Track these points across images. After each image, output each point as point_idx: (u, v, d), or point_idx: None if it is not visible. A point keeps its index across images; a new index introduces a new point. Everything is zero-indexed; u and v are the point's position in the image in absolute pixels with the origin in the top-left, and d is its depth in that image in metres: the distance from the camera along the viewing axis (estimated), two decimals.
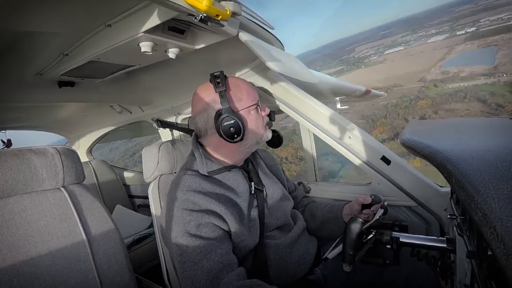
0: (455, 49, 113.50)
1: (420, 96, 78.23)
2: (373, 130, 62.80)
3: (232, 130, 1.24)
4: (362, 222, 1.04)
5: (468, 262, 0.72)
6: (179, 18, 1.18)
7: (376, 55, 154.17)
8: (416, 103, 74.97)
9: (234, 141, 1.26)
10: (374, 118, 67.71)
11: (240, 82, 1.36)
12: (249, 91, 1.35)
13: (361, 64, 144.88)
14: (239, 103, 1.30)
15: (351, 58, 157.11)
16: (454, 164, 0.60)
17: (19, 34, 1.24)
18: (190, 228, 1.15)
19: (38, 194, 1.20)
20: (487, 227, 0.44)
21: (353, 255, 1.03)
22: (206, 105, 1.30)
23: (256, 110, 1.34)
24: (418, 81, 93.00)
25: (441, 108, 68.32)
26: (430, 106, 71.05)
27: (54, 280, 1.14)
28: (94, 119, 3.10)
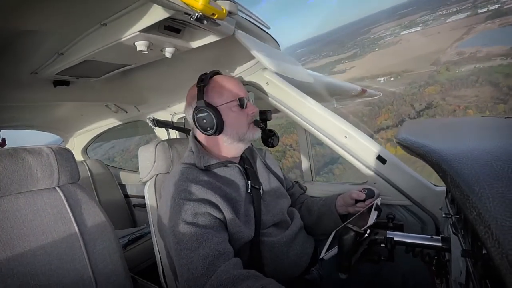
0: (474, 29, 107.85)
1: (430, 82, 75.99)
2: (378, 117, 62.20)
3: (204, 122, 1.30)
4: (355, 233, 1.03)
5: (463, 261, 0.73)
6: (175, 17, 1.17)
7: (391, 36, 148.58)
8: (424, 89, 73.02)
9: (207, 133, 1.32)
10: (380, 105, 66.90)
11: (224, 78, 1.41)
12: (232, 88, 1.39)
13: (374, 47, 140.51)
14: (219, 98, 1.35)
15: (365, 40, 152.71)
16: (449, 163, 0.61)
17: (14, 32, 1.23)
18: (186, 217, 1.17)
19: (33, 194, 1.20)
20: (481, 226, 0.44)
21: (348, 265, 1.03)
22: (190, 100, 1.39)
23: (238, 107, 1.37)
24: (431, 64, 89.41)
25: (449, 94, 66.63)
26: (439, 93, 69.38)
27: (49, 279, 1.14)
28: (90, 118, 3.09)
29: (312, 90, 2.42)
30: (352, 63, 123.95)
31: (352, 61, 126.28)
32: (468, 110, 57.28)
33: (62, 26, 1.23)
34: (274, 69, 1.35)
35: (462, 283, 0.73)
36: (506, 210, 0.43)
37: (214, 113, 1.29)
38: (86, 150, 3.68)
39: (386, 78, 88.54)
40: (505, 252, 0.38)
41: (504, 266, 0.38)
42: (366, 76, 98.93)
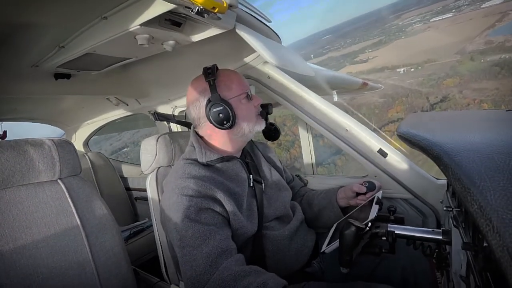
0: (509, 15, 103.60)
1: (450, 73, 73.18)
2: (389, 109, 61.46)
3: (221, 116, 1.29)
4: (357, 228, 1.04)
5: (464, 254, 0.73)
6: (176, 11, 1.17)
7: (421, 23, 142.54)
8: (442, 82, 70.80)
9: (223, 127, 1.31)
10: (395, 96, 65.87)
11: (230, 72, 1.41)
12: (239, 81, 1.38)
13: (401, 34, 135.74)
14: (229, 91, 1.34)
15: (393, 27, 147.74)
16: (451, 156, 0.61)
17: (15, 25, 1.23)
18: (189, 214, 1.17)
19: (35, 186, 1.20)
20: (482, 218, 0.44)
21: (349, 259, 1.04)
22: (197, 95, 1.35)
23: (246, 99, 1.38)
24: (455, 54, 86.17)
25: (468, 87, 64.23)
26: (457, 85, 66.98)
27: (51, 272, 1.14)
28: (91, 111, 3.09)
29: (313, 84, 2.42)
30: (375, 52, 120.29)
31: (376, 50, 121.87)
32: (483, 104, 56.02)
33: (63, 19, 1.23)
34: (275, 62, 1.35)
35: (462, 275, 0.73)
36: (507, 203, 0.43)
37: (229, 106, 1.29)
38: (87, 143, 3.68)
39: (406, 69, 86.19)
40: (506, 245, 0.39)
41: (505, 258, 0.38)
42: (387, 66, 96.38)
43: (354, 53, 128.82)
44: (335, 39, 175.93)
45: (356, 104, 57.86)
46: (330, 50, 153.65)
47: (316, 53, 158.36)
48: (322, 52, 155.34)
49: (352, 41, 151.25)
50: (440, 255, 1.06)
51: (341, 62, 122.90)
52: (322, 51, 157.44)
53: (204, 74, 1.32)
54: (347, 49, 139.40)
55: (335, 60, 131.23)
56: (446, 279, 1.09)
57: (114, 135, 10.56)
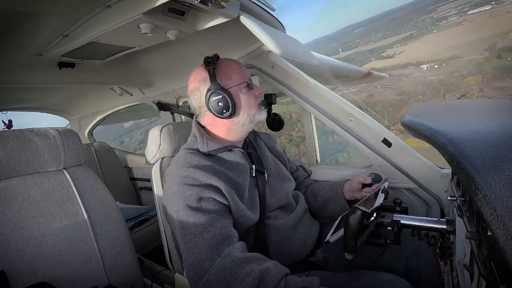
0: None
1: (473, 71, 70.08)
2: (403, 107, 60.77)
3: (220, 105, 1.29)
4: (362, 213, 1.04)
5: (468, 243, 0.73)
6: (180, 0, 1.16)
7: (456, 16, 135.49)
8: (462, 80, 69.36)
9: (223, 116, 1.31)
10: (411, 94, 65.01)
11: (230, 61, 1.40)
12: (239, 70, 1.38)
13: (433, 28, 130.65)
14: (229, 81, 1.34)
15: (427, 20, 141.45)
16: (455, 145, 0.60)
17: (18, 14, 1.23)
18: (191, 202, 1.17)
19: (40, 176, 1.21)
20: (487, 207, 0.44)
21: (354, 245, 1.04)
22: (198, 84, 1.36)
23: (247, 89, 1.38)
24: (484, 50, 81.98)
25: (489, 86, 61.37)
26: (479, 83, 63.86)
27: (57, 260, 1.15)
28: (95, 101, 3.10)
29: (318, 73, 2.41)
30: (403, 47, 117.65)
31: (405, 45, 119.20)
32: None
33: (67, 7, 1.23)
34: (279, 52, 1.34)
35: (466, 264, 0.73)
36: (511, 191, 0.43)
37: (228, 95, 1.29)
38: (92, 133, 3.69)
39: (430, 66, 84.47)
40: (510, 234, 0.38)
41: (509, 247, 0.38)
42: (411, 62, 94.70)
43: (382, 47, 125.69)
44: (367, 32, 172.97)
45: (373, 101, 57.48)
46: (359, 44, 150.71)
47: (345, 47, 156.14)
48: (351, 46, 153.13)
49: (382, 35, 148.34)
50: (444, 244, 1.06)
51: (367, 57, 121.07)
52: (352, 45, 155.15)
53: (205, 63, 1.33)
54: (377, 44, 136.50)
55: (361, 54, 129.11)
56: (449, 268, 1.09)
57: (144, 124, 10.60)
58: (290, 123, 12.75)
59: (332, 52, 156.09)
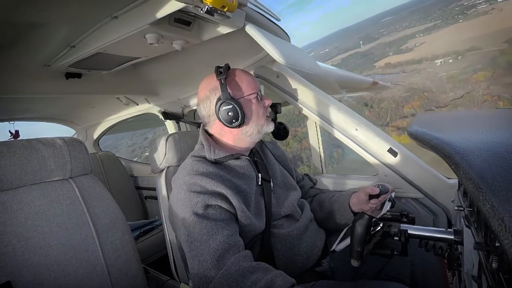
0: None
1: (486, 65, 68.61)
2: (405, 105, 60.13)
3: (230, 114, 1.30)
4: (369, 218, 1.03)
5: (476, 254, 0.72)
6: (185, 10, 1.18)
7: (486, 4, 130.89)
8: (472, 75, 67.08)
9: (232, 126, 1.32)
10: (417, 92, 64.10)
11: (241, 72, 1.41)
12: (250, 81, 1.39)
13: (460, 17, 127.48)
14: (239, 91, 1.35)
15: (456, 8, 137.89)
16: (462, 155, 0.60)
17: (27, 25, 1.25)
18: (197, 209, 1.18)
19: (46, 185, 1.21)
20: (495, 218, 0.43)
21: (361, 251, 1.03)
22: (208, 93, 1.37)
23: (256, 99, 1.39)
24: (503, 42, 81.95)
25: (497, 82, 61.70)
26: (488, 79, 63.74)
27: (63, 270, 1.15)
28: (101, 111, 3.12)
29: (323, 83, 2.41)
30: (425, 38, 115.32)
31: (428, 35, 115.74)
32: (499, 102, 54.47)
33: (74, 18, 1.24)
34: (283, 61, 1.35)
35: (474, 275, 0.72)
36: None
37: (238, 105, 1.30)
38: (98, 142, 3.71)
39: (444, 60, 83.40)
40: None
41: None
42: (426, 57, 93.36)
43: (405, 37, 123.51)
44: (394, 21, 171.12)
45: (380, 98, 57.24)
46: (382, 34, 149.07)
47: (368, 38, 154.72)
48: (375, 37, 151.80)
49: (408, 24, 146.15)
50: (452, 255, 1.05)
51: (386, 51, 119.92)
52: (375, 36, 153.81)
53: (216, 72, 1.33)
54: (400, 33, 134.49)
55: (381, 48, 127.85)
56: (457, 279, 1.08)
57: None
58: (298, 119, 12.84)
59: (353, 46, 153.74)
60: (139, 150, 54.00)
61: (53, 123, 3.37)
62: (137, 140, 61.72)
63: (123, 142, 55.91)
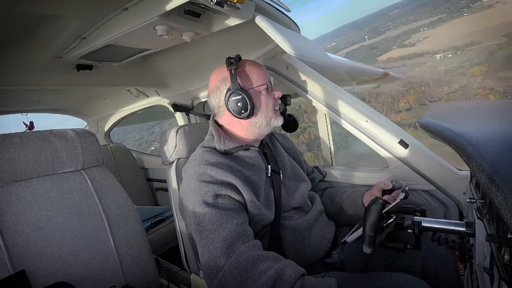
0: None
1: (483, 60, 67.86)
2: (401, 99, 59.79)
3: (239, 105, 1.31)
4: (383, 203, 1.03)
5: (488, 246, 0.72)
6: (195, 2, 1.17)
7: None
8: (468, 70, 66.65)
9: (241, 116, 1.33)
10: (415, 86, 63.69)
11: (252, 63, 1.41)
12: (260, 72, 1.39)
13: (464, 11, 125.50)
14: (249, 82, 1.36)
15: (462, 1, 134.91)
16: (474, 146, 0.59)
17: (38, 18, 1.25)
18: (207, 199, 1.19)
19: (59, 176, 1.23)
20: (507, 210, 0.43)
21: (373, 237, 1.03)
22: (218, 83, 1.37)
23: (266, 91, 1.39)
24: (503, 36, 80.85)
25: (493, 76, 61.14)
26: (483, 73, 63.31)
27: (76, 260, 1.17)
28: (112, 103, 3.13)
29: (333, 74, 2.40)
30: (429, 32, 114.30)
31: (432, 29, 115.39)
32: (490, 95, 54.38)
33: (85, 10, 1.25)
34: (293, 52, 1.34)
35: (486, 267, 0.72)
36: None
37: (248, 96, 1.30)
38: (109, 134, 3.73)
39: (444, 55, 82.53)
40: None
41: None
42: (427, 51, 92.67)
43: (410, 31, 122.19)
44: (401, 14, 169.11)
45: (378, 92, 56.90)
46: (388, 28, 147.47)
47: (374, 32, 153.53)
48: (380, 31, 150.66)
49: (414, 18, 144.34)
50: (463, 247, 1.04)
51: (390, 45, 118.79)
52: (381, 29, 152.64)
53: (226, 63, 1.33)
54: (406, 27, 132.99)
55: (385, 42, 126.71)
56: (469, 271, 1.07)
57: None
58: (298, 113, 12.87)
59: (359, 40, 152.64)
60: (145, 144, 54.44)
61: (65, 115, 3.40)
62: (144, 134, 62.20)
63: (130, 136, 56.45)
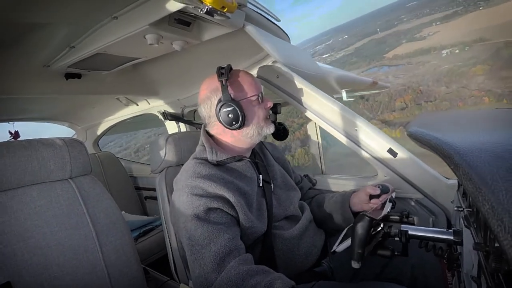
0: None
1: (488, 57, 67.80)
2: (398, 98, 59.80)
3: (230, 116, 1.29)
4: (370, 220, 1.03)
5: (475, 254, 0.72)
6: (185, 10, 1.18)
7: None
8: (470, 68, 66.65)
9: (232, 127, 1.31)
10: (414, 86, 63.74)
11: (243, 73, 1.40)
12: (251, 82, 1.38)
13: (481, 5, 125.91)
14: (241, 92, 1.35)
15: None
16: (462, 155, 0.60)
17: (27, 26, 1.25)
18: (199, 213, 1.18)
19: (46, 185, 1.21)
20: (494, 219, 0.43)
21: (361, 253, 1.03)
22: (209, 94, 1.36)
23: (258, 101, 1.38)
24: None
25: (495, 75, 61.45)
26: (486, 73, 63.32)
27: (62, 271, 1.15)
28: (101, 111, 3.12)
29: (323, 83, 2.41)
30: (440, 26, 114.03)
31: (446, 23, 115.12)
32: (484, 98, 54.44)
33: (74, 19, 1.25)
34: (283, 61, 1.35)
35: (474, 276, 0.72)
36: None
37: (239, 107, 1.29)
38: (97, 143, 3.71)
39: (451, 50, 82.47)
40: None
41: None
42: (434, 47, 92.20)
43: (422, 25, 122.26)
44: (417, 7, 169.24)
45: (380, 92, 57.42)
46: (402, 21, 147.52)
47: (387, 25, 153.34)
48: (394, 24, 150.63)
49: (428, 11, 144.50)
50: (451, 255, 1.05)
51: (400, 39, 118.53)
52: (394, 22, 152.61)
53: (217, 73, 1.33)
54: (419, 20, 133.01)
55: (396, 36, 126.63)
56: (457, 280, 1.08)
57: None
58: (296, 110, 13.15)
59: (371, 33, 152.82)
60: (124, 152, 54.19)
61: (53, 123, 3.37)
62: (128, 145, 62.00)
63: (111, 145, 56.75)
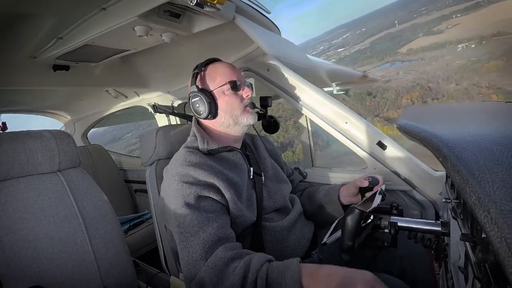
0: None
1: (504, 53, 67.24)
2: (405, 95, 59.55)
3: (197, 106, 1.34)
4: (360, 213, 1.04)
5: (462, 245, 0.73)
6: (175, 2, 1.17)
7: None
8: (484, 64, 65.55)
9: (201, 117, 1.36)
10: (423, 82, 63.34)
11: (220, 64, 1.41)
12: (224, 71, 1.39)
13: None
14: (213, 82, 1.37)
15: None
16: (450, 148, 0.61)
17: (13, 16, 1.23)
18: (189, 200, 1.18)
19: (34, 178, 1.20)
20: (481, 210, 0.44)
21: (351, 245, 1.04)
22: (189, 87, 1.39)
23: (231, 90, 1.38)
24: None
25: (509, 71, 60.65)
26: (500, 69, 62.69)
27: (51, 263, 1.15)
28: (90, 103, 3.09)
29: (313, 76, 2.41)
30: (460, 18, 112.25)
31: (466, 15, 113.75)
32: (493, 96, 54.10)
33: (62, 10, 1.23)
34: (274, 54, 1.34)
35: (461, 266, 0.73)
36: (505, 194, 0.43)
37: (205, 97, 1.32)
38: (86, 135, 3.68)
39: (468, 44, 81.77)
40: (504, 236, 0.39)
41: (503, 249, 0.38)
42: (450, 41, 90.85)
43: (441, 17, 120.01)
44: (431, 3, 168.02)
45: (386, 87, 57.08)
46: (421, 14, 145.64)
47: (407, 17, 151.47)
48: (413, 16, 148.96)
49: (450, 2, 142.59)
50: (439, 246, 1.06)
51: (417, 33, 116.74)
52: (414, 15, 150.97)
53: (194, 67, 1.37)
54: (439, 12, 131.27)
55: (413, 29, 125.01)
56: (444, 270, 1.09)
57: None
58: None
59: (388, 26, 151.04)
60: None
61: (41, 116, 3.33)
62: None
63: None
